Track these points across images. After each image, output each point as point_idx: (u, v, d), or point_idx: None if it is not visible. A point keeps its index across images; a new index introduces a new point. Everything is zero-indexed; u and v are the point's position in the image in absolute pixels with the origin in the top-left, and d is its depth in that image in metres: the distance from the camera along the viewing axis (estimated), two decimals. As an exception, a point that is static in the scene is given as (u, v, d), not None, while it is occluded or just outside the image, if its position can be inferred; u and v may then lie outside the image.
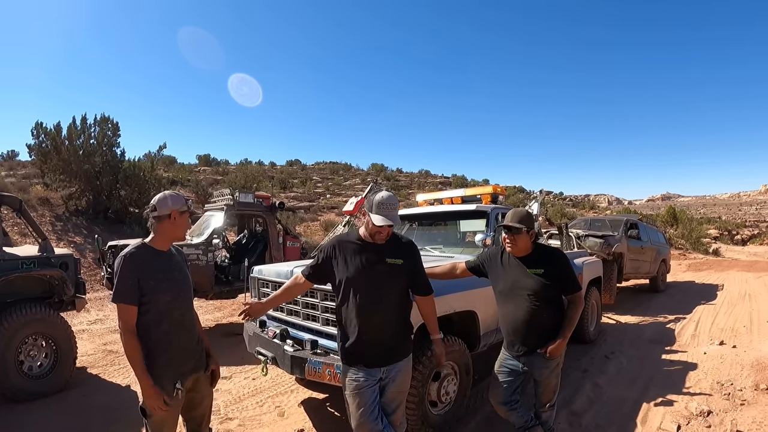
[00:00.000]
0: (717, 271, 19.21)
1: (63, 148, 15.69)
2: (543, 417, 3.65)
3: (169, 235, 2.81)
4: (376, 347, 2.91)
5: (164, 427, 2.77)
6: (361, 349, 2.90)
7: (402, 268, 2.99)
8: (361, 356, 2.91)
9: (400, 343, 3.05)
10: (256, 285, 5.06)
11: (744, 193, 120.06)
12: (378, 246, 3.00)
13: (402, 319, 3.06)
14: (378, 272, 2.89)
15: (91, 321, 9.13)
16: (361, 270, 2.90)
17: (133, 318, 2.62)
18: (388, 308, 2.94)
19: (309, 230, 21.59)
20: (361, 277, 2.87)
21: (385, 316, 2.93)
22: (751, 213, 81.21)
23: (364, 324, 2.88)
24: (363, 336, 2.88)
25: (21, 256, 5.41)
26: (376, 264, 2.94)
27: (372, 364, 2.91)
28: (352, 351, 2.91)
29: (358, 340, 2.89)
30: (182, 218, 2.79)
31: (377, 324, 2.90)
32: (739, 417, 4.58)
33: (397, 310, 3.01)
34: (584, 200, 64.14)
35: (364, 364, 2.90)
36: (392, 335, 2.98)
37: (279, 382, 5.71)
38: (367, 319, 2.87)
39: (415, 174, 48.56)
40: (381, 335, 2.92)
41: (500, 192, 6.83)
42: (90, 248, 13.92)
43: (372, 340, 2.89)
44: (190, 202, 2.84)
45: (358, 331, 2.88)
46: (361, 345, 2.89)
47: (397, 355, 3.00)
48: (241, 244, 10.17)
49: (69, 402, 5.18)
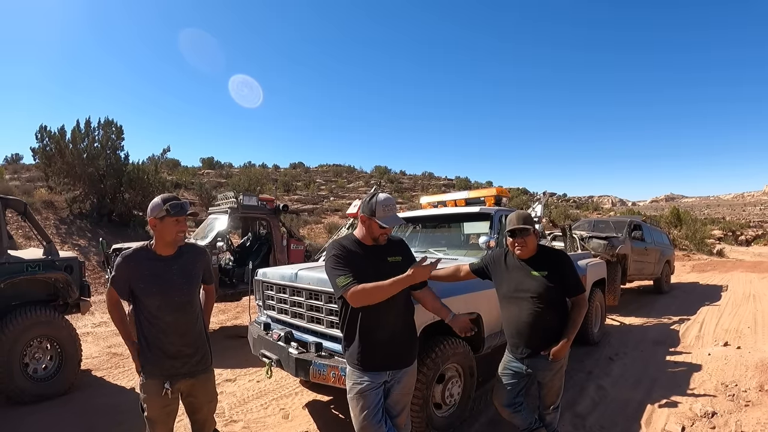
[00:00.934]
0: (721, 271, 19.15)
1: (67, 151, 15.74)
2: (547, 419, 3.65)
3: (160, 240, 2.84)
4: (386, 349, 2.91)
5: (157, 424, 2.85)
6: (372, 352, 2.89)
7: (401, 265, 3.01)
8: (376, 358, 2.90)
9: (409, 345, 3.06)
10: (260, 288, 5.07)
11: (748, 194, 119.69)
12: (376, 247, 3.04)
13: (409, 320, 3.09)
14: (383, 272, 2.90)
15: (95, 324, 9.15)
16: (369, 270, 2.90)
17: (115, 296, 2.90)
18: (396, 308, 2.94)
19: (313, 233, 21.62)
20: (369, 279, 2.88)
21: (394, 316, 2.94)
22: (755, 213, 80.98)
23: (374, 325, 2.88)
24: (378, 337, 2.89)
25: (26, 259, 5.44)
26: (379, 264, 2.96)
27: (382, 367, 2.91)
28: (362, 354, 2.90)
29: (373, 342, 2.89)
30: (164, 224, 2.78)
31: (387, 325, 2.91)
32: (744, 418, 4.57)
33: (405, 310, 3.04)
34: (588, 202, 64.09)
35: (378, 366, 2.90)
36: (401, 336, 2.99)
37: (283, 384, 5.72)
38: (377, 321, 2.88)
39: (418, 176, 48.61)
40: (391, 336, 2.93)
41: (504, 194, 6.83)
42: (94, 251, 13.98)
43: (387, 340, 2.91)
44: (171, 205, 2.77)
45: (368, 333, 2.89)
46: (376, 347, 2.89)
47: (405, 359, 3.01)
48: (245, 247, 10.18)
49: (73, 404, 5.19)
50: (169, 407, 2.88)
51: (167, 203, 2.77)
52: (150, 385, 2.80)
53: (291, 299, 4.49)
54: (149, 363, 2.80)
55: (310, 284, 4.15)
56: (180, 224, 2.83)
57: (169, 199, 2.81)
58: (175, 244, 2.89)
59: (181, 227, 2.85)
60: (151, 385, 2.80)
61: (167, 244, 2.85)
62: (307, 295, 4.22)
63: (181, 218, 2.82)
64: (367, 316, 2.88)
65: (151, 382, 2.80)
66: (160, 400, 2.80)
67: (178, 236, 2.86)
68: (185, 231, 2.91)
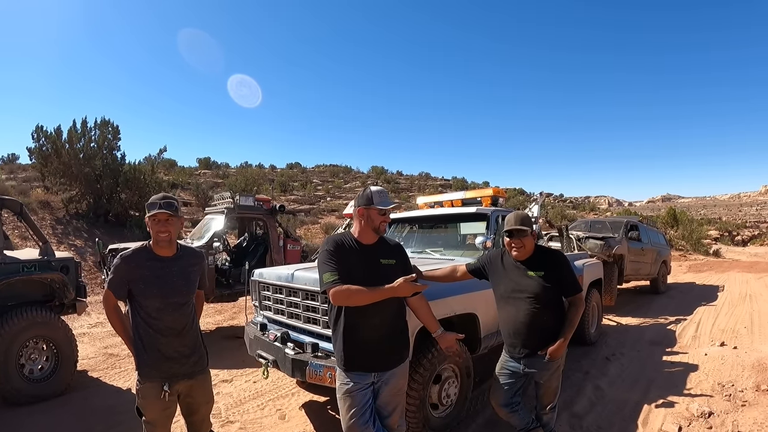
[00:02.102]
0: (717, 272, 19.20)
1: (63, 151, 15.72)
2: (544, 419, 3.65)
3: (155, 239, 2.82)
4: (374, 349, 2.91)
5: (156, 427, 2.83)
6: (361, 352, 2.89)
7: (395, 267, 3.02)
8: (360, 359, 2.90)
9: (398, 346, 3.06)
10: (256, 288, 5.06)
11: (744, 194, 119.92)
12: (371, 247, 3.04)
13: (399, 321, 3.07)
14: (375, 273, 2.90)
15: (91, 324, 9.13)
16: (360, 270, 2.90)
17: (113, 300, 2.82)
18: (386, 311, 2.93)
19: (309, 233, 21.60)
20: (361, 277, 2.87)
21: (384, 316, 2.93)
22: (752, 214, 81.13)
23: (364, 325, 2.88)
24: (362, 337, 2.88)
25: (22, 260, 5.42)
26: (372, 265, 2.96)
27: (364, 368, 2.90)
28: (351, 354, 2.90)
29: (358, 342, 2.89)
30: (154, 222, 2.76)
31: (377, 325, 2.90)
32: (741, 418, 4.58)
33: (395, 312, 3.02)
34: (584, 202, 64.21)
35: (362, 367, 2.90)
36: (391, 337, 2.99)
37: (280, 385, 5.71)
38: (368, 320, 2.87)
39: (415, 177, 48.62)
40: (381, 336, 2.92)
41: (500, 194, 6.84)
42: (90, 251, 13.93)
43: (372, 342, 2.89)
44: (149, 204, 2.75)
45: (357, 332, 2.89)
46: (359, 347, 2.89)
47: (395, 360, 3.00)
48: (242, 248, 10.17)
49: (70, 405, 5.18)
50: (169, 409, 2.87)
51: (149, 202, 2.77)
52: (148, 388, 2.78)
53: (287, 300, 4.48)
54: (147, 365, 2.77)
55: (307, 285, 4.15)
56: (159, 224, 2.76)
57: (156, 198, 2.78)
58: (165, 245, 2.84)
59: (160, 228, 2.77)
60: (149, 388, 2.78)
61: (156, 243, 2.83)
62: (304, 295, 4.22)
63: (161, 217, 2.75)
64: (354, 316, 2.88)
65: (149, 385, 2.78)
66: (160, 403, 2.78)
67: (159, 236, 2.78)
68: (169, 232, 2.81)
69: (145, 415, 2.80)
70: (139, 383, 2.80)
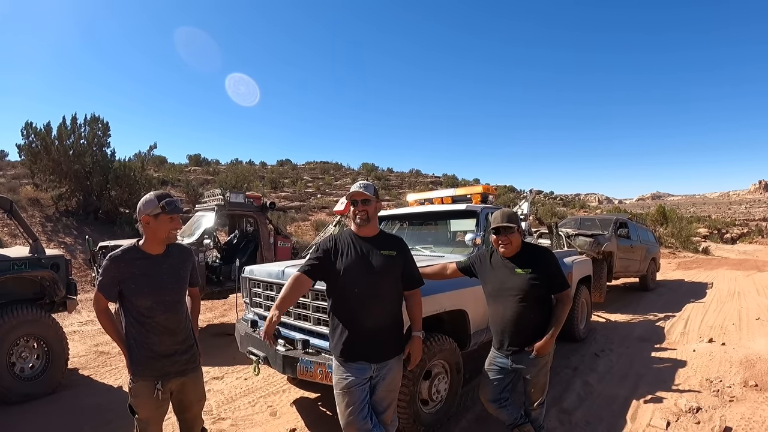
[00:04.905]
0: (706, 269, 19.36)
1: (53, 148, 15.59)
2: (533, 415, 3.68)
3: (152, 238, 2.81)
4: (374, 339, 2.95)
5: (149, 425, 2.84)
6: (360, 342, 2.93)
7: (396, 259, 3.09)
8: (360, 347, 2.94)
9: (395, 337, 3.11)
10: (247, 285, 5.06)
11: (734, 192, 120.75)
12: (371, 239, 3.11)
13: (397, 312, 3.13)
14: (375, 262, 2.98)
15: (82, 322, 9.09)
16: (359, 260, 2.98)
17: (103, 302, 2.79)
18: (386, 298, 3.01)
19: (300, 230, 21.56)
20: (360, 267, 2.95)
21: (384, 305, 3.00)
22: (741, 212, 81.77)
23: (364, 314, 2.94)
24: (363, 326, 2.94)
25: (12, 258, 5.39)
26: (372, 255, 3.02)
27: (363, 357, 2.94)
28: (350, 344, 2.93)
29: (357, 331, 2.93)
30: (158, 221, 2.75)
31: (376, 314, 2.96)
32: (728, 413, 4.63)
33: (394, 302, 3.09)
34: (575, 199, 64.46)
35: (360, 357, 2.93)
36: (389, 327, 3.05)
37: (271, 381, 5.72)
38: (368, 309, 2.94)
39: (405, 173, 48.58)
40: (380, 326, 2.98)
41: (490, 191, 6.86)
42: (81, 249, 13.85)
43: (371, 331, 2.95)
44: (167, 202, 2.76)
45: (357, 321, 2.94)
46: (360, 337, 2.93)
47: (392, 350, 3.05)
48: (232, 245, 10.15)
49: (61, 403, 5.17)
50: (162, 408, 2.87)
51: (162, 200, 2.74)
52: (141, 387, 2.77)
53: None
54: (139, 364, 2.77)
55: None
56: (174, 222, 2.81)
57: (163, 196, 2.78)
58: (166, 242, 2.87)
59: (175, 225, 2.83)
60: (142, 387, 2.77)
61: (159, 242, 2.83)
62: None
63: (175, 216, 2.80)
64: (351, 306, 2.95)
65: (142, 384, 2.77)
66: (153, 401, 2.78)
67: (172, 234, 2.84)
68: (179, 229, 2.91)
69: (137, 413, 2.80)
70: (131, 382, 2.80)
